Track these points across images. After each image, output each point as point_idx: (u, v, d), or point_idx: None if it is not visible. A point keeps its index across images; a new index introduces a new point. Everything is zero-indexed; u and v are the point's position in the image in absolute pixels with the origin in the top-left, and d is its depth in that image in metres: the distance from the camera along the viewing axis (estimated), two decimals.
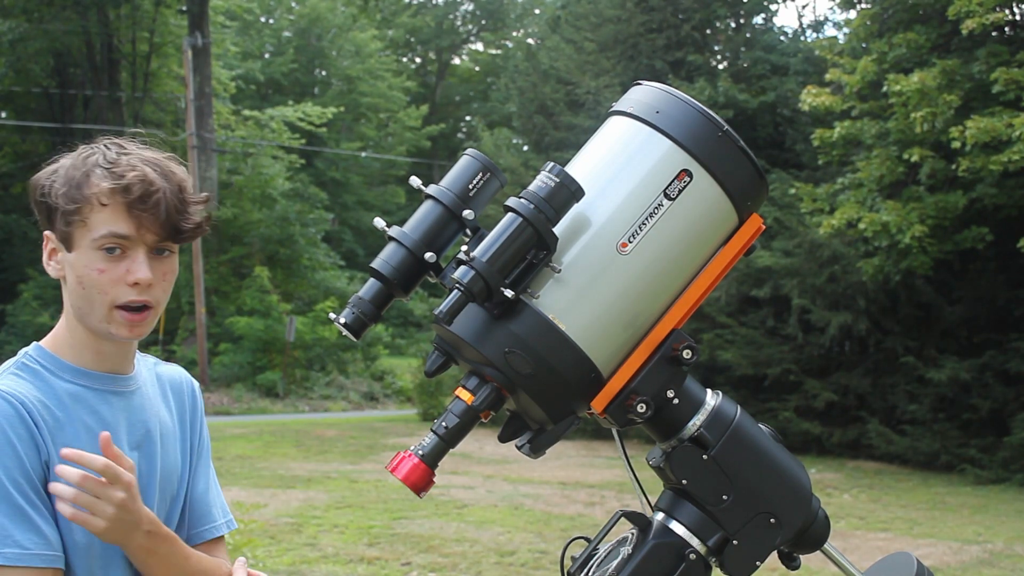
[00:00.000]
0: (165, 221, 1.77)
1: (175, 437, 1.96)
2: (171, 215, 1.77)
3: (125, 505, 1.68)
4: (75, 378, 1.83)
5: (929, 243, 13.73)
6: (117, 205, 1.75)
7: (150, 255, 1.79)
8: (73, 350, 1.85)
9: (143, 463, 1.87)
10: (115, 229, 1.75)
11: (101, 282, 1.77)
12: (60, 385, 1.82)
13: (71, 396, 1.81)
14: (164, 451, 1.92)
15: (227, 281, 26.81)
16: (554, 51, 21.25)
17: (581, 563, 1.63)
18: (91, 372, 1.85)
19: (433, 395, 20.14)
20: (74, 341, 1.85)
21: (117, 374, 1.87)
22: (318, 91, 41.95)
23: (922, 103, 13.14)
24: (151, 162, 1.80)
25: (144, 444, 1.88)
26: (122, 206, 1.75)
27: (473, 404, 1.54)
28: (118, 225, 1.76)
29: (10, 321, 26.41)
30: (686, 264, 1.61)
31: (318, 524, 9.45)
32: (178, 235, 1.80)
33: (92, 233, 1.76)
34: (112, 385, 1.86)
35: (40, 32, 27.00)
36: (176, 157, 1.89)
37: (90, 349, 1.85)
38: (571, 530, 9.26)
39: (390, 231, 1.57)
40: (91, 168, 1.78)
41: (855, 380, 15.90)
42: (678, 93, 1.62)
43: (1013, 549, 9.43)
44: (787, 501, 1.62)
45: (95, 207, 1.75)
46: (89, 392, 1.83)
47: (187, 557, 1.85)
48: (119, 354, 1.87)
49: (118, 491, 1.67)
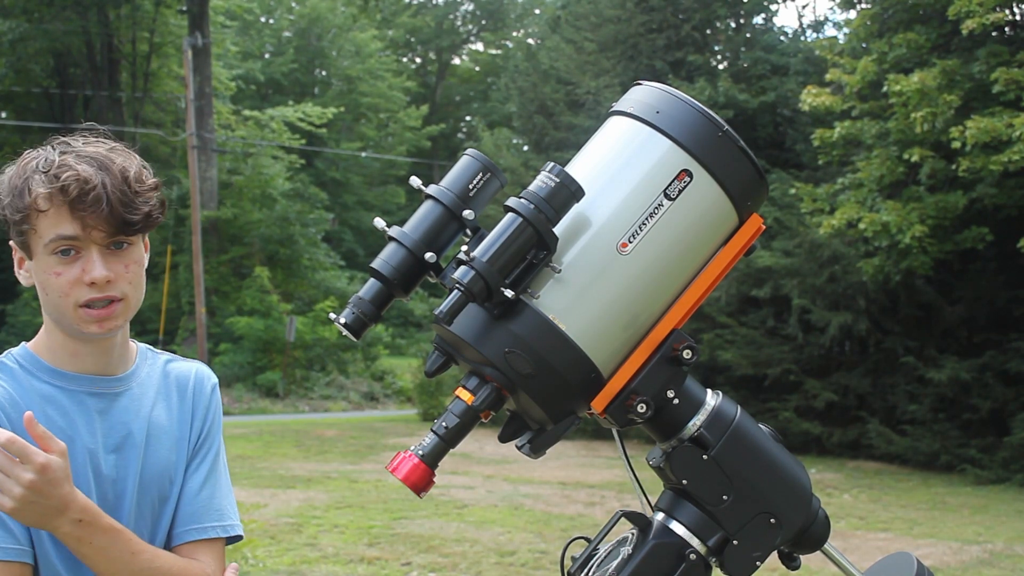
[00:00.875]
0: (110, 216, 1.73)
1: (171, 437, 1.92)
2: (115, 209, 1.73)
3: (35, 487, 1.60)
4: (51, 379, 1.83)
5: (929, 243, 13.73)
6: (58, 207, 1.73)
7: (106, 251, 1.76)
8: (51, 352, 1.85)
9: (119, 466, 1.84)
10: (61, 232, 1.74)
11: (60, 285, 1.76)
12: (35, 385, 1.81)
13: (43, 396, 1.81)
14: (151, 452, 1.88)
15: (227, 281, 26.81)
16: (554, 51, 21.25)
17: (581, 563, 1.63)
18: (68, 373, 1.84)
19: (433, 395, 20.14)
20: (52, 344, 1.85)
21: (98, 375, 1.86)
22: (318, 91, 41.97)
23: (922, 103, 13.13)
24: (90, 158, 1.76)
25: (123, 447, 1.86)
26: (64, 207, 1.73)
27: (473, 404, 1.54)
28: (63, 227, 1.74)
29: (10, 321, 26.43)
30: (686, 264, 1.61)
31: (318, 524, 9.45)
32: (128, 227, 1.76)
33: (43, 239, 1.75)
34: (90, 387, 1.85)
35: (40, 32, 27.01)
36: (124, 147, 1.84)
37: (67, 351, 1.84)
38: (571, 530, 9.26)
39: (390, 231, 1.57)
40: (30, 175, 1.75)
41: (855, 380, 15.90)
42: (678, 93, 1.62)
43: (1013, 549, 9.43)
44: (787, 501, 1.61)
45: (38, 213, 1.74)
46: (62, 393, 1.82)
47: (135, 553, 1.75)
48: (99, 355, 1.85)
49: (26, 472, 1.60)
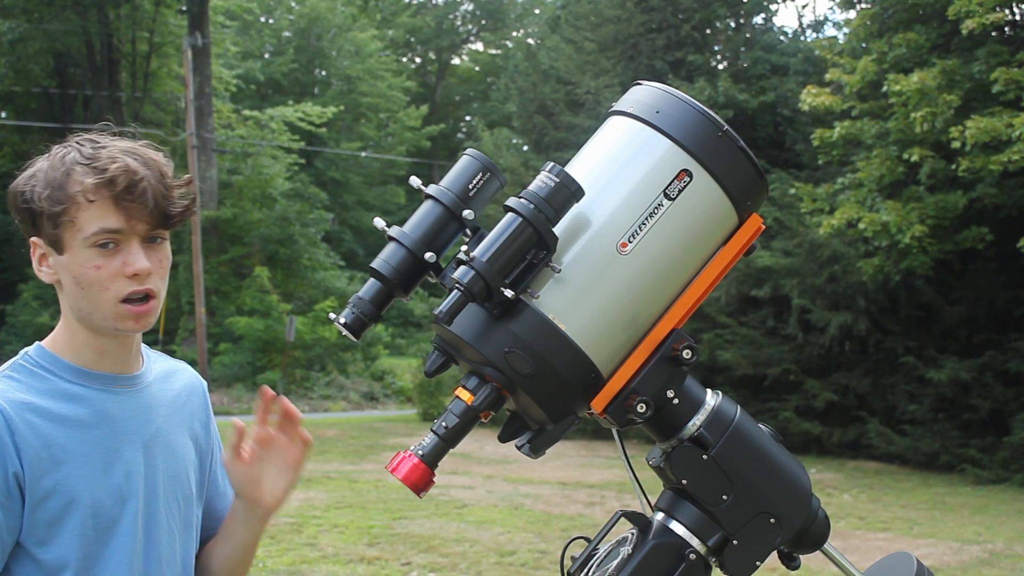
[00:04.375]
0: (154, 209, 1.74)
1: (183, 433, 1.93)
2: (159, 202, 1.75)
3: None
4: (76, 378, 1.81)
5: (929, 243, 13.73)
6: (104, 200, 1.72)
7: (143, 244, 1.76)
8: (73, 351, 1.82)
9: (148, 462, 1.84)
10: (106, 224, 1.73)
11: (100, 278, 1.74)
12: (60, 385, 1.79)
13: (70, 396, 1.79)
14: (172, 451, 1.89)
15: (227, 281, 26.81)
16: (554, 51, 21.26)
17: (581, 563, 1.63)
18: (93, 372, 1.82)
19: (433, 395, 20.15)
20: (74, 343, 1.82)
21: (121, 373, 1.85)
22: (318, 91, 41.95)
23: (922, 103, 13.13)
24: (130, 152, 1.77)
25: (152, 443, 1.86)
26: (109, 200, 1.72)
27: (473, 404, 1.54)
28: (108, 220, 1.73)
29: (10, 321, 26.43)
30: (686, 264, 1.60)
31: (318, 524, 9.45)
32: (168, 220, 1.77)
33: (83, 232, 1.73)
34: (115, 384, 1.84)
35: (40, 32, 27.01)
36: (152, 144, 1.85)
37: (91, 349, 1.82)
38: (571, 530, 9.26)
39: (390, 231, 1.57)
40: (71, 166, 1.74)
41: (855, 380, 15.90)
42: (678, 93, 1.62)
43: (1013, 549, 9.43)
44: (787, 501, 1.61)
45: (82, 205, 1.72)
46: (91, 392, 1.81)
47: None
48: (121, 352, 1.84)
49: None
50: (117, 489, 1.78)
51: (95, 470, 1.76)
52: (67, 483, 1.73)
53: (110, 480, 1.77)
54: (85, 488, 1.74)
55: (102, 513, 1.76)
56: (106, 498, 1.76)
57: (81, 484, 1.74)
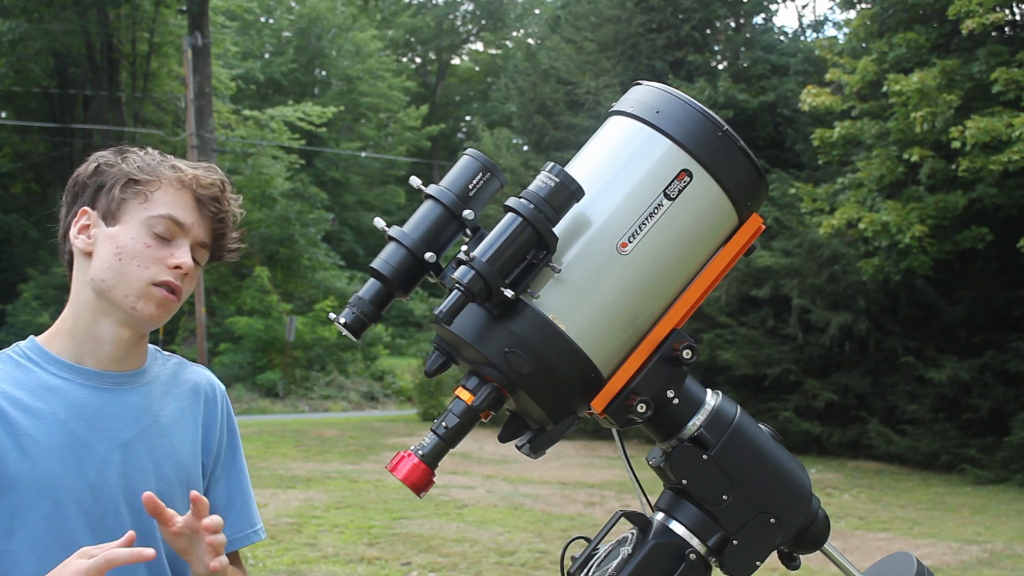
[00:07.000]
0: (217, 226, 1.88)
1: (184, 437, 1.92)
2: (223, 225, 1.90)
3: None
4: (60, 371, 1.81)
5: (929, 243, 13.73)
6: (187, 194, 1.84)
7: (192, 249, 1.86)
8: (66, 340, 1.83)
9: (130, 460, 1.83)
10: (175, 213, 1.83)
11: (145, 255, 1.80)
12: (42, 378, 1.80)
13: (49, 388, 1.79)
14: (159, 453, 1.87)
15: (227, 281, 26.82)
16: (554, 51, 21.27)
17: (581, 563, 1.62)
18: (77, 367, 1.82)
19: (433, 395, 20.16)
20: (75, 328, 1.83)
21: (110, 370, 1.84)
22: (318, 91, 41.97)
23: (922, 103, 13.14)
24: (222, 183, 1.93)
25: (135, 442, 1.85)
26: (191, 196, 1.84)
27: (473, 404, 1.54)
28: (179, 210, 1.83)
29: (10, 321, 26.41)
30: (686, 264, 1.60)
31: (318, 524, 9.46)
32: (216, 241, 1.90)
33: (150, 210, 1.81)
34: (101, 381, 1.83)
35: (40, 32, 27.01)
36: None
37: (89, 337, 1.82)
38: (571, 530, 9.26)
39: (390, 231, 1.56)
40: (174, 161, 1.89)
41: (855, 380, 15.91)
42: (678, 93, 1.62)
43: (1013, 549, 9.43)
44: (787, 501, 1.61)
45: (166, 187, 1.83)
46: (73, 386, 1.81)
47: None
48: (118, 347, 1.84)
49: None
50: (87, 484, 1.77)
51: (65, 464, 1.76)
52: (33, 474, 1.73)
53: (81, 475, 1.77)
54: (53, 480, 1.74)
55: (69, 507, 1.75)
56: (75, 492, 1.76)
57: (49, 476, 1.74)
